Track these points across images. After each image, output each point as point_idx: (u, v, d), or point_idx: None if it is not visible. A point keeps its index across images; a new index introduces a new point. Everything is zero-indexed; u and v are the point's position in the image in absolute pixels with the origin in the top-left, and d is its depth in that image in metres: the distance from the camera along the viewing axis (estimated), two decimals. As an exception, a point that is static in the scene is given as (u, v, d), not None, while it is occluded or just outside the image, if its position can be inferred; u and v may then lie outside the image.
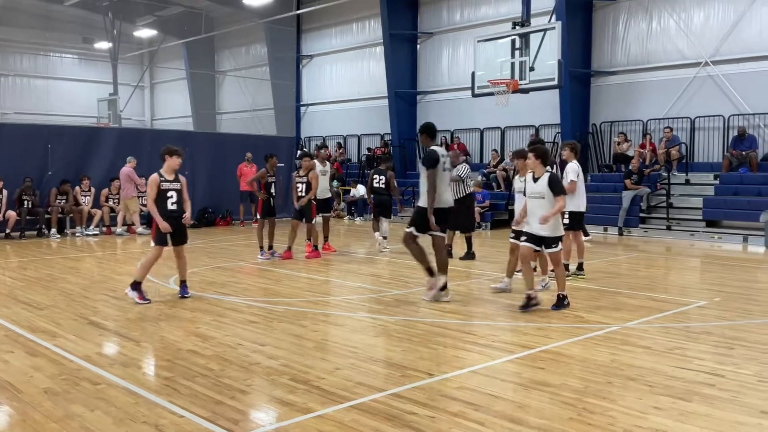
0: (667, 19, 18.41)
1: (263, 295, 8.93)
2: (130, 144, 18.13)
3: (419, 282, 9.69)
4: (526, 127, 20.97)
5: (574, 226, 9.87)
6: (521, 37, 14.73)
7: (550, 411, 4.58)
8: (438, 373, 5.39)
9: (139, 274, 8.26)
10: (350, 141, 26.86)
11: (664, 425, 4.28)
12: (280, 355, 5.94)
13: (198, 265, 11.56)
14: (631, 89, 19.21)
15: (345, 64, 27.11)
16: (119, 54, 29.87)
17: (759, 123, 16.78)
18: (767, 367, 5.54)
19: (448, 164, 8.50)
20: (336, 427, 4.28)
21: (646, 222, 16.92)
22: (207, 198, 19.77)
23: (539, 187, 7.59)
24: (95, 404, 4.70)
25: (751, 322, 7.30)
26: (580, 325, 7.15)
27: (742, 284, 9.80)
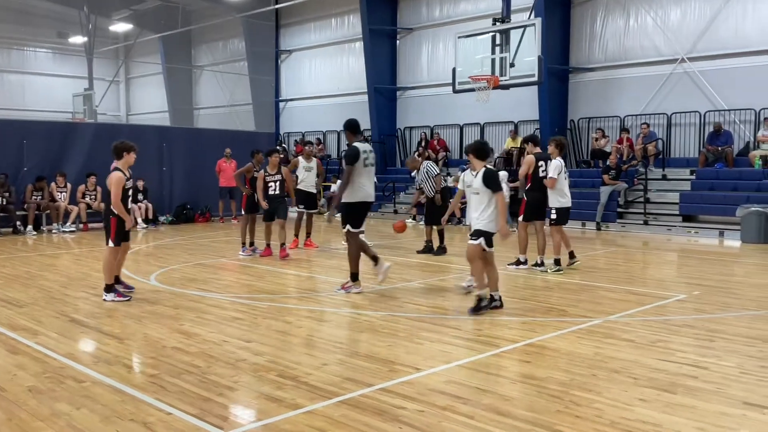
0: (644, 15, 18.61)
1: (246, 291, 8.88)
2: (106, 140, 17.82)
3: (402, 278, 9.73)
4: (506, 123, 21.09)
5: (561, 221, 10.26)
6: (501, 34, 14.79)
7: (537, 404, 4.62)
8: (425, 368, 5.41)
9: (106, 277, 8.12)
10: (330, 137, 26.79)
11: (650, 417, 4.35)
12: (266, 351, 5.92)
13: (178, 262, 11.48)
14: (608, 86, 19.39)
15: (324, 60, 27.02)
16: (94, 48, 29.44)
17: (734, 119, 17.05)
18: (748, 359, 5.63)
19: (371, 160, 8.64)
20: (326, 422, 4.28)
21: (623, 217, 17.12)
22: (185, 194, 19.65)
23: (476, 182, 7.52)
24: (81, 402, 4.65)
25: (730, 314, 7.42)
26: (563, 318, 7.22)
27: (720, 278, 9.96)
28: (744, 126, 17.00)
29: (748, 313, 7.49)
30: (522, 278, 9.81)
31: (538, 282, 9.55)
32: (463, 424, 4.24)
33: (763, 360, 5.61)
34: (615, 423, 4.25)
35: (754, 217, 14.02)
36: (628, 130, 18.25)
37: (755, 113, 16.61)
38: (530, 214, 10.42)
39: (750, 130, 16.88)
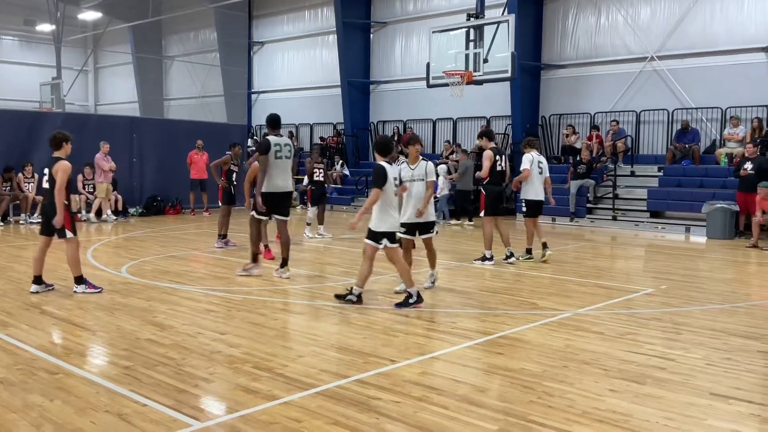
0: (615, 14, 18.86)
1: (220, 284, 8.85)
2: (74, 130, 17.35)
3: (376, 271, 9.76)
4: (478, 118, 21.22)
5: (531, 214, 10.81)
6: (475, 29, 14.86)
7: (511, 394, 4.71)
8: (400, 360, 5.46)
9: (73, 270, 8.02)
10: (303, 130, 26.70)
11: (620, 407, 4.45)
12: (241, 343, 5.92)
13: (150, 254, 11.38)
14: (579, 83, 19.63)
15: (297, 52, 26.90)
16: (63, 37, 28.89)
17: (701, 117, 17.38)
18: (714, 351, 5.79)
19: (286, 153, 9.07)
20: (302, 413, 4.31)
21: (592, 212, 17.37)
22: (155, 186, 19.44)
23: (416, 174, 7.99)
24: (54, 394, 4.61)
25: (696, 308, 7.61)
26: (534, 311, 7.33)
27: (686, 272, 10.18)
28: (711, 124, 17.35)
29: (714, 307, 7.69)
30: (494, 272, 9.92)
31: (510, 276, 9.66)
32: (438, 414, 4.30)
33: (728, 352, 5.77)
34: (586, 413, 4.35)
35: (719, 213, 14.33)
36: (598, 127, 18.51)
37: (722, 112, 16.96)
38: (491, 208, 10.52)
39: (716, 128, 17.24)
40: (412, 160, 8.07)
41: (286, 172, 9.11)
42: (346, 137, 23.92)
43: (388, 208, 7.26)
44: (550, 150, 20.21)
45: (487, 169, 10.41)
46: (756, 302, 8.19)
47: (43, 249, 8.01)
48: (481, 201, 10.66)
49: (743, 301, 8.11)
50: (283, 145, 9.09)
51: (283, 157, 9.03)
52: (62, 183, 7.68)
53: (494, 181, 10.48)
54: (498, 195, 10.53)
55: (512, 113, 19.90)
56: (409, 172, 8.00)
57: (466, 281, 9.22)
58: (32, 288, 7.97)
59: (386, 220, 7.26)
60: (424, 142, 22.30)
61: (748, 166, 13.99)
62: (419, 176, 7.97)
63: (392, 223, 7.33)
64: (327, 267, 10.56)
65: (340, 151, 23.70)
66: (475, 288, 8.77)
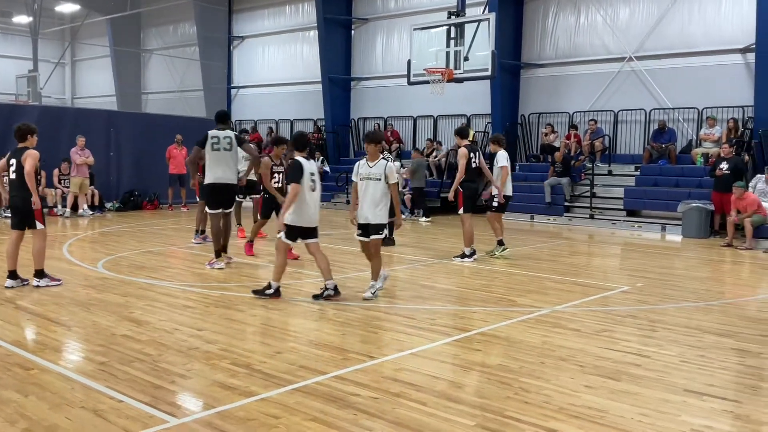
0: (594, 14, 19.00)
1: (198, 280, 8.79)
2: (51, 123, 17.40)
3: (355, 267, 9.78)
4: (459, 116, 21.27)
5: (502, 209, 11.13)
6: (456, 27, 14.90)
7: (488, 390, 4.74)
8: (379, 356, 5.47)
9: (36, 262, 7.92)
10: (283, 125, 26.58)
11: (596, 403, 4.50)
12: (219, 339, 5.89)
13: (126, 249, 11.28)
14: (558, 82, 19.75)
15: (278, 47, 26.75)
16: (40, 29, 28.49)
17: (678, 117, 17.58)
18: (688, 348, 5.87)
19: (224, 144, 9.40)
20: (280, 409, 4.30)
21: (570, 211, 17.50)
22: (133, 180, 19.28)
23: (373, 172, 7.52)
24: (29, 390, 4.56)
25: (671, 306, 7.70)
26: (512, 308, 7.38)
27: (661, 270, 10.30)
28: (687, 124, 17.55)
29: (688, 305, 7.79)
30: (472, 269, 9.97)
31: (488, 273, 9.71)
32: (416, 410, 4.31)
33: (702, 349, 5.85)
34: (562, 409, 4.39)
35: (694, 212, 14.51)
36: (576, 127, 18.64)
37: (698, 112, 17.16)
38: (469, 205, 10.63)
39: (693, 128, 17.44)
40: (371, 157, 7.60)
41: (224, 163, 9.40)
42: (326, 134, 23.84)
43: (301, 204, 7.25)
44: (529, 149, 20.33)
45: (463, 167, 10.47)
46: (730, 300, 8.33)
47: (15, 243, 7.91)
48: (459, 199, 10.70)
49: (717, 300, 8.23)
50: (222, 138, 9.40)
51: (221, 149, 9.36)
52: (31, 168, 7.63)
53: (470, 178, 10.60)
54: (475, 192, 10.74)
55: (492, 111, 19.97)
56: (366, 170, 7.57)
57: (445, 278, 9.26)
58: (7, 283, 7.86)
59: (299, 214, 7.29)
60: (403, 140, 22.43)
61: (723, 166, 14.18)
62: (376, 175, 7.49)
63: (304, 219, 7.33)
64: (305, 263, 10.52)
65: (321, 147, 23.62)
66: (453, 285, 8.81)
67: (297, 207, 7.24)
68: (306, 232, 7.43)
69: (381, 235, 7.59)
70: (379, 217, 7.52)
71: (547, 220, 17.37)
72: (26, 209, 7.75)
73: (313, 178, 7.39)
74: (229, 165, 9.49)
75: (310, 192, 7.34)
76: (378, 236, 7.57)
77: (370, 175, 7.52)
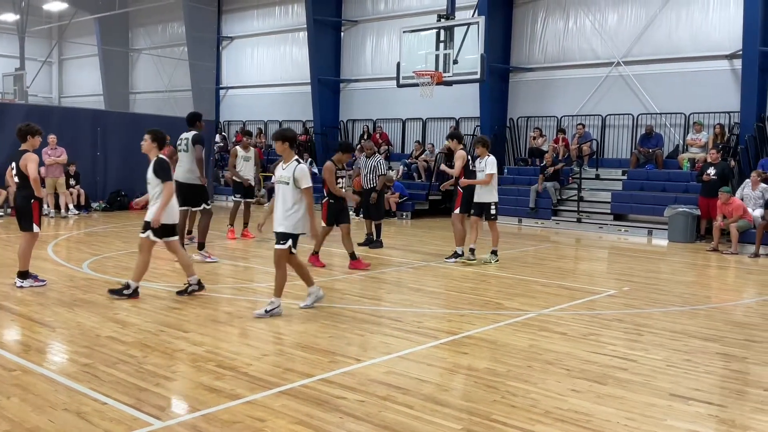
0: (583, 19, 19.08)
1: (184, 281, 8.71)
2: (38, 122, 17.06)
3: (343, 270, 9.75)
4: (447, 119, 21.30)
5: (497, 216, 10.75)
6: (445, 30, 14.92)
7: (475, 394, 4.73)
8: (365, 359, 5.45)
9: (22, 263, 7.85)
10: (272, 126, 26.50)
11: (583, 407, 4.51)
12: (204, 341, 5.85)
13: (112, 250, 11.20)
14: (547, 86, 19.82)
15: (267, 48, 26.68)
16: (27, 27, 28.27)
17: (665, 122, 17.69)
18: (674, 353, 5.89)
19: (183, 145, 10.17)
20: (266, 412, 4.28)
21: (557, 214, 17.55)
22: (120, 180, 19.12)
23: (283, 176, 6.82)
24: (11, 391, 4.51)
25: (657, 310, 7.74)
26: (499, 311, 7.38)
27: (648, 275, 10.35)
28: (674, 129, 17.66)
29: (674, 309, 7.83)
30: (460, 272, 9.96)
31: (476, 276, 9.71)
32: (403, 414, 4.30)
33: (688, 353, 5.88)
34: (549, 412, 4.39)
35: (681, 217, 14.60)
36: (564, 131, 18.71)
37: (685, 117, 17.27)
38: (466, 206, 10.71)
39: (679, 133, 17.55)
40: (285, 159, 6.88)
41: (183, 164, 10.07)
42: (315, 135, 23.80)
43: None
44: (517, 152, 20.38)
45: (460, 169, 10.57)
46: (715, 305, 8.37)
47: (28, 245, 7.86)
48: (458, 199, 10.78)
49: (703, 304, 8.28)
50: (183, 139, 10.22)
51: (180, 150, 10.17)
52: (35, 173, 7.64)
53: None
54: (472, 195, 10.70)
55: (481, 115, 20.01)
56: (279, 172, 6.88)
57: (432, 281, 9.25)
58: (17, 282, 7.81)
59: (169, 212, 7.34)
60: (392, 142, 22.41)
61: (710, 171, 14.27)
62: (285, 178, 6.74)
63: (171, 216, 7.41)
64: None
65: (309, 149, 23.58)
66: (441, 288, 8.80)
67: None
68: (169, 229, 7.44)
69: (283, 246, 6.71)
70: (283, 226, 6.74)
71: (535, 223, 17.42)
72: (26, 209, 7.74)
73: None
74: (184, 164, 10.09)
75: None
76: (279, 246, 6.74)
77: (280, 178, 6.81)
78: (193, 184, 10.13)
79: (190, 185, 10.09)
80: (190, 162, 10.12)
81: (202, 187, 10.24)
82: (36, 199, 7.73)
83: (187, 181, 10.05)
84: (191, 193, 10.12)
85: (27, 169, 7.61)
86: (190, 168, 10.12)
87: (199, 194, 10.23)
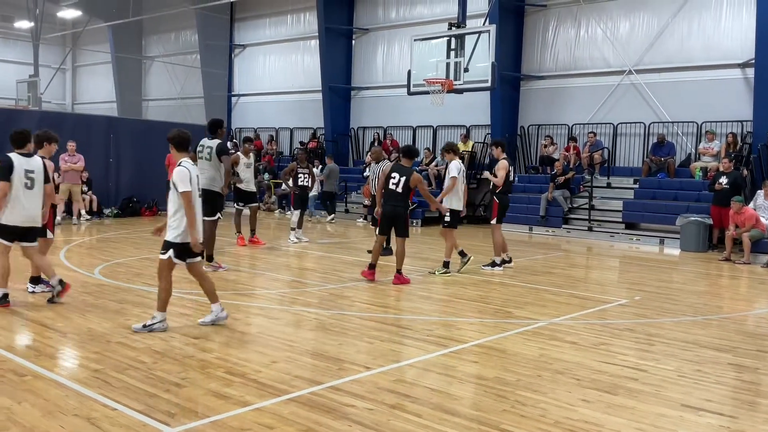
0: (594, 27, 19.06)
1: (194, 287, 8.72)
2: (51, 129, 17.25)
3: (352, 277, 9.75)
4: (458, 126, 21.30)
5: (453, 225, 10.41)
6: (456, 38, 14.93)
7: (484, 403, 4.71)
8: (375, 367, 5.45)
9: (34, 268, 7.88)
10: (282, 134, 26.62)
11: (593, 417, 4.48)
12: (214, 348, 5.87)
13: (123, 256, 11.26)
14: (558, 94, 19.79)
15: (279, 56, 26.82)
16: (41, 34, 28.54)
17: (677, 131, 17.61)
18: (686, 363, 5.85)
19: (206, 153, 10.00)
20: (274, 419, 4.28)
21: (568, 222, 17.49)
22: (132, 187, 19.25)
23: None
24: (22, 396, 4.53)
25: (669, 320, 7.68)
26: (509, 320, 7.36)
27: (659, 284, 10.28)
28: (686, 138, 17.58)
29: (686, 319, 7.77)
30: (470, 281, 9.94)
31: (486, 285, 9.69)
32: (412, 423, 4.29)
33: (699, 364, 5.83)
34: (559, 423, 4.36)
35: (693, 226, 14.51)
36: (575, 139, 18.66)
37: (697, 126, 17.19)
38: (502, 216, 10.83)
39: (692, 142, 17.46)
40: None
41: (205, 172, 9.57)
42: (326, 142, 23.86)
43: (15, 202, 7.04)
44: (528, 160, 20.35)
45: (503, 179, 10.64)
46: (727, 315, 8.30)
47: (42, 250, 7.89)
48: (494, 209, 10.85)
49: (715, 314, 8.22)
50: (205, 147, 10.12)
51: (203, 158, 10.02)
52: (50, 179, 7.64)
53: (506, 191, 10.84)
54: (508, 204, 10.94)
55: (492, 123, 20.01)
56: None
57: (442, 289, 9.23)
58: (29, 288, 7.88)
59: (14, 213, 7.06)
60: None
61: (723, 180, 14.19)
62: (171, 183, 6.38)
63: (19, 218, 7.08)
64: (304, 272, 10.52)
65: (320, 156, 23.64)
66: (451, 296, 8.78)
67: (11, 206, 7.04)
68: (24, 233, 7.19)
69: (162, 256, 6.34)
70: (167, 234, 6.37)
71: (546, 231, 17.36)
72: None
73: (30, 175, 7.19)
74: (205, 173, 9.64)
75: (25, 190, 7.11)
76: (161, 255, 6.36)
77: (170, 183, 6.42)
78: (213, 192, 9.84)
79: (209, 193, 9.62)
80: (215, 170, 9.89)
81: (220, 195, 10.14)
82: (51, 206, 7.78)
83: (209, 187, 9.66)
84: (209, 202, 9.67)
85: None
86: (214, 176, 9.88)
87: (217, 204, 10.04)
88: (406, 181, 9.28)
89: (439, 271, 10.25)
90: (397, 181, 9.31)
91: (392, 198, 9.36)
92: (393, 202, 9.36)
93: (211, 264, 9.95)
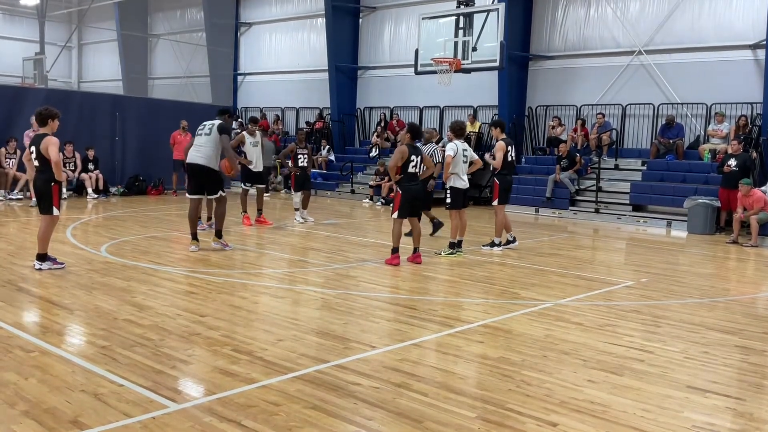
0: (604, 6, 18.86)
1: (201, 266, 8.77)
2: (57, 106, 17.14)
3: (358, 257, 9.75)
4: (465, 107, 21.18)
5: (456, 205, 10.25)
6: (465, 17, 14.81)
7: (489, 383, 4.71)
8: (380, 346, 5.45)
9: (41, 246, 7.91)
10: (289, 113, 26.53)
11: (598, 397, 4.47)
12: (221, 326, 5.88)
13: (130, 234, 11.28)
14: (566, 74, 19.63)
15: (285, 35, 26.65)
16: (47, 11, 28.44)
17: (686, 112, 17.47)
18: (692, 345, 5.83)
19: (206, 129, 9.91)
20: (281, 397, 4.29)
21: (575, 204, 17.43)
22: (138, 165, 19.27)
23: None
24: (29, 372, 4.55)
25: (675, 302, 7.66)
26: (515, 301, 7.35)
27: (666, 266, 10.25)
28: (695, 120, 17.44)
29: (693, 301, 7.75)
30: (476, 261, 9.93)
31: (492, 265, 9.68)
32: (417, 401, 4.29)
33: (705, 346, 5.82)
34: (564, 403, 4.36)
35: (700, 208, 14.44)
36: (584, 120, 18.54)
37: (706, 108, 17.05)
38: (504, 197, 10.79)
39: (701, 124, 17.34)
40: None
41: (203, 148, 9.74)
42: (332, 122, 23.77)
43: None
44: (535, 141, 20.24)
45: (500, 160, 10.61)
46: (734, 297, 8.28)
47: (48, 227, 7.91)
48: (495, 190, 10.82)
49: (722, 296, 8.19)
50: (206, 125, 10.03)
51: (202, 134, 9.88)
52: (56, 156, 7.64)
53: (506, 172, 10.77)
54: (509, 185, 10.89)
55: (499, 103, 19.88)
56: None
57: (447, 269, 9.22)
58: (36, 264, 7.89)
59: None
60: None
61: (731, 162, 14.09)
62: None
63: None
64: (309, 252, 10.52)
65: (326, 136, 23.57)
66: (456, 276, 8.78)
67: None
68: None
69: None
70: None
71: (552, 213, 17.31)
72: (46, 191, 7.76)
73: None
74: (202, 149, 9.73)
75: None
76: None
77: None
78: (213, 170, 9.82)
79: (209, 171, 9.75)
80: (213, 148, 9.71)
81: (219, 174, 10.16)
82: (56, 182, 7.78)
83: (209, 165, 9.70)
84: (210, 179, 9.82)
85: (48, 153, 7.63)
86: (209, 154, 9.73)
87: (218, 181, 10.11)
88: (422, 160, 9.31)
89: (445, 251, 10.23)
90: (416, 163, 9.28)
91: (414, 179, 9.33)
92: (416, 183, 9.35)
93: (220, 241, 9.97)
